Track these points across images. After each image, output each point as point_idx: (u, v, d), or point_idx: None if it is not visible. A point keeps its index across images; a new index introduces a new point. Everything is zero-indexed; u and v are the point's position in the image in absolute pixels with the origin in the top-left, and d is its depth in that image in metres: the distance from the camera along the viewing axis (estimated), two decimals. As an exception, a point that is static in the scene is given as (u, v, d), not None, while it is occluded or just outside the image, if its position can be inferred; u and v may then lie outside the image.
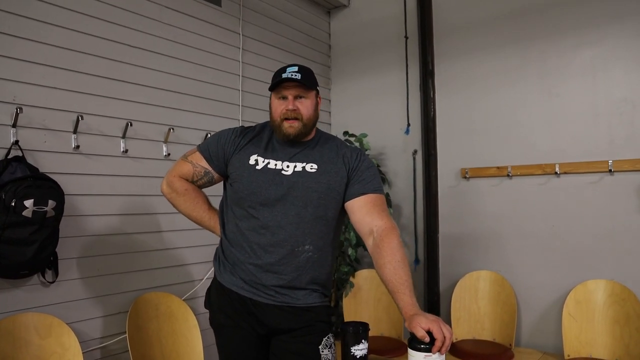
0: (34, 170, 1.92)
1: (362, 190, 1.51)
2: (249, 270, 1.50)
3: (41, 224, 1.84)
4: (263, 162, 1.52)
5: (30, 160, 1.96)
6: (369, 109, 3.45)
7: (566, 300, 2.64)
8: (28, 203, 1.79)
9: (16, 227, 1.79)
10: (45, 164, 2.03)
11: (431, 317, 1.26)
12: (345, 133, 3.20)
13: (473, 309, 2.93)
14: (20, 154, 1.93)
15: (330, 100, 3.64)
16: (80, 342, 1.98)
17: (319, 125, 1.63)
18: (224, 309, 1.56)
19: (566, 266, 2.74)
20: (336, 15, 3.69)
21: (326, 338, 1.52)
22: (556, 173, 2.76)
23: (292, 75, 1.47)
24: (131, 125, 2.31)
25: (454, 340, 2.87)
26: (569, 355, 2.54)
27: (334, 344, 1.54)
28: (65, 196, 1.96)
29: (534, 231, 2.84)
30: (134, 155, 2.36)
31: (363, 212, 1.49)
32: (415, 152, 3.26)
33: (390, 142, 3.35)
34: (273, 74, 1.55)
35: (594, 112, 2.68)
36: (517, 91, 2.91)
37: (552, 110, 2.80)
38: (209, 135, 2.68)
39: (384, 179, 3.31)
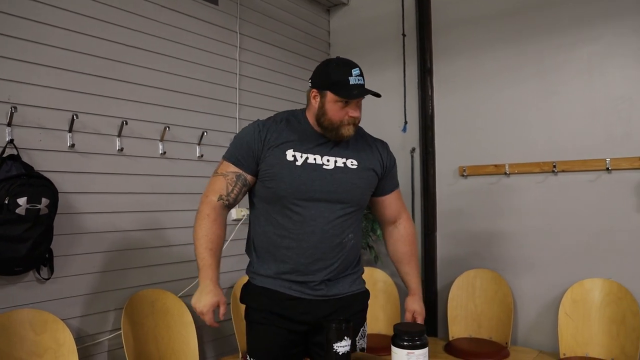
0: (29, 168, 1.94)
1: (393, 186, 1.70)
2: (297, 269, 1.52)
3: (35, 221, 1.87)
4: (301, 157, 1.50)
5: (25, 158, 1.98)
6: (367, 106, 3.41)
7: (562, 299, 2.62)
8: (21, 201, 1.82)
9: (10, 225, 1.81)
10: (41, 163, 2.05)
11: (420, 309, 1.68)
12: (343, 131, 3.20)
13: (470, 307, 2.92)
14: (16, 153, 1.96)
15: (329, 98, 3.64)
16: (75, 338, 2.01)
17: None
18: (263, 307, 1.56)
19: (563, 265, 2.72)
20: (336, 13, 3.69)
21: (363, 328, 1.65)
22: (554, 171, 2.74)
23: (358, 80, 1.48)
24: (126, 123, 2.33)
25: (451, 339, 2.87)
26: (564, 354, 2.53)
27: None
28: (60, 194, 1.99)
29: (531, 229, 2.83)
30: (129, 153, 2.39)
31: (393, 205, 1.70)
32: (413, 150, 3.26)
33: (389, 140, 3.24)
34: (325, 67, 1.52)
35: (592, 110, 2.66)
36: (515, 89, 2.89)
37: (550, 108, 2.78)
38: (205, 133, 2.70)
39: (382, 177, 3.31)
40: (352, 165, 1.55)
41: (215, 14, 2.84)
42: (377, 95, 1.52)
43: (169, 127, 2.51)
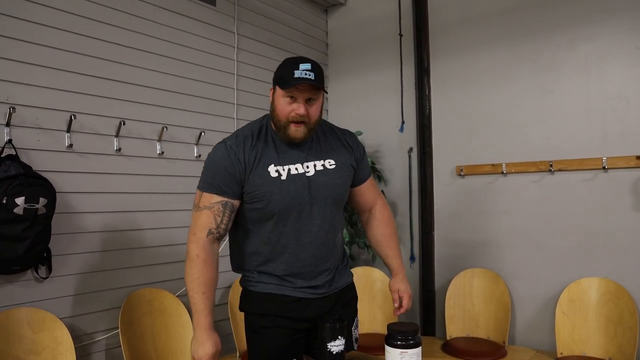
0: (27, 168, 1.96)
1: (366, 175, 1.69)
2: (300, 276, 1.52)
3: (32, 221, 1.88)
4: (284, 170, 1.46)
5: (24, 158, 2.00)
6: (365, 106, 3.45)
7: (560, 298, 2.63)
8: (19, 200, 1.83)
9: (7, 224, 1.83)
10: (39, 163, 2.07)
11: (405, 287, 1.67)
12: (341, 131, 3.21)
13: (467, 307, 2.93)
14: (14, 153, 1.97)
15: (327, 98, 3.65)
16: (72, 337, 2.02)
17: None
18: (267, 312, 1.54)
19: (560, 264, 2.73)
20: (333, 13, 3.70)
21: (356, 317, 1.68)
22: (550, 170, 2.75)
23: (306, 74, 1.37)
24: (124, 124, 2.34)
25: (448, 338, 2.88)
26: (561, 354, 2.54)
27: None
28: (58, 194, 2.00)
29: (528, 228, 2.84)
30: (127, 153, 2.40)
31: (368, 193, 1.70)
32: (410, 149, 3.27)
33: (386, 140, 3.35)
34: (281, 64, 1.45)
35: (588, 109, 2.67)
36: (512, 88, 2.90)
37: (547, 107, 2.79)
38: (203, 133, 2.71)
39: (379, 177, 3.32)
40: (330, 165, 1.53)
41: (212, 14, 2.85)
42: (321, 87, 1.41)
43: (166, 127, 2.53)
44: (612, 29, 2.60)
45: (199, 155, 2.71)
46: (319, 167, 1.51)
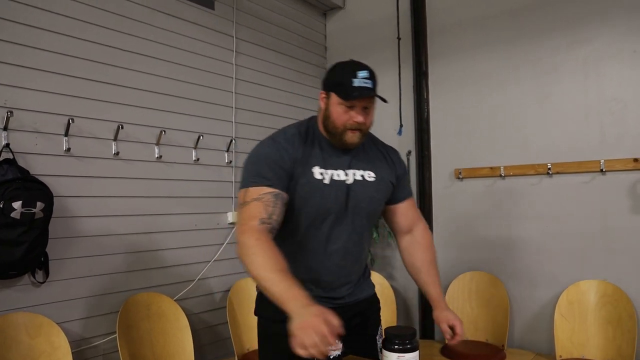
0: (24, 172, 1.95)
1: (406, 194, 1.63)
2: (320, 285, 1.48)
3: (30, 225, 1.88)
4: (328, 174, 1.43)
5: (21, 162, 1.99)
6: (363, 110, 3.45)
7: (558, 301, 2.62)
8: (16, 205, 1.83)
9: (5, 228, 1.82)
10: (37, 167, 2.06)
11: (453, 315, 1.53)
12: (339, 134, 3.21)
13: (466, 310, 2.92)
14: (11, 157, 1.97)
15: (325, 102, 3.65)
16: (69, 342, 2.02)
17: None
18: (282, 319, 1.41)
19: (559, 266, 2.73)
20: (332, 16, 3.71)
21: (380, 327, 1.65)
22: (548, 173, 2.75)
23: (365, 83, 1.36)
24: (122, 127, 2.34)
25: (447, 342, 2.86)
26: (560, 356, 2.53)
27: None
28: (55, 198, 2.00)
29: (527, 231, 2.84)
30: (125, 157, 2.40)
31: (407, 213, 1.63)
32: (409, 152, 3.27)
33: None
34: (334, 69, 1.43)
35: (586, 112, 2.67)
36: (511, 91, 2.91)
37: (545, 109, 2.80)
38: (202, 137, 2.70)
39: (378, 180, 3.31)
40: (369, 177, 1.49)
41: (211, 18, 2.85)
42: (383, 99, 1.41)
43: (165, 131, 2.52)
44: (609, 31, 2.61)
45: (198, 159, 2.71)
46: (358, 177, 1.48)
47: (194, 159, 2.70)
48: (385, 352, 1.36)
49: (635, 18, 2.54)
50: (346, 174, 1.46)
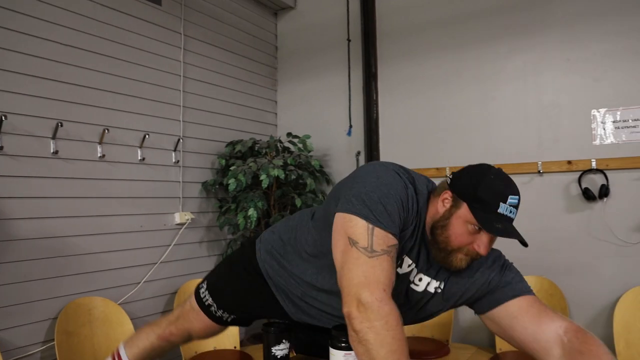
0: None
1: (519, 290, 1.23)
2: (303, 314, 1.40)
3: (-43, 228, 1.76)
4: (407, 266, 1.20)
5: (-52, 161, 1.87)
6: (313, 110, 3.47)
7: (499, 297, 2.74)
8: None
9: None
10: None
11: None
12: (289, 134, 3.21)
13: (413, 307, 2.99)
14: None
15: (276, 102, 3.64)
16: (2, 352, 1.91)
17: (264, 128, 1.59)
18: (260, 273, 1.38)
19: (500, 264, 2.84)
20: (283, 16, 3.70)
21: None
22: (490, 174, 2.86)
23: (510, 212, 1.12)
24: (62, 125, 2.24)
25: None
26: (500, 349, 2.64)
27: None
28: (-14, 199, 1.89)
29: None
30: (64, 156, 2.29)
31: (531, 314, 1.18)
32: (358, 153, 3.31)
33: (335, 144, 3.39)
34: (482, 176, 1.15)
35: (525, 116, 2.80)
36: (457, 94, 3.00)
37: (488, 113, 2.91)
38: (147, 136, 2.62)
39: (328, 180, 3.34)
40: (437, 290, 1.25)
41: (158, 14, 2.78)
42: (524, 244, 1.12)
43: (108, 129, 2.44)
44: (547, 40, 2.75)
45: (143, 159, 2.63)
46: (430, 289, 1.25)
47: (139, 158, 2.62)
48: (332, 350, 1.38)
49: (569, 30, 2.70)
50: (419, 279, 1.24)
